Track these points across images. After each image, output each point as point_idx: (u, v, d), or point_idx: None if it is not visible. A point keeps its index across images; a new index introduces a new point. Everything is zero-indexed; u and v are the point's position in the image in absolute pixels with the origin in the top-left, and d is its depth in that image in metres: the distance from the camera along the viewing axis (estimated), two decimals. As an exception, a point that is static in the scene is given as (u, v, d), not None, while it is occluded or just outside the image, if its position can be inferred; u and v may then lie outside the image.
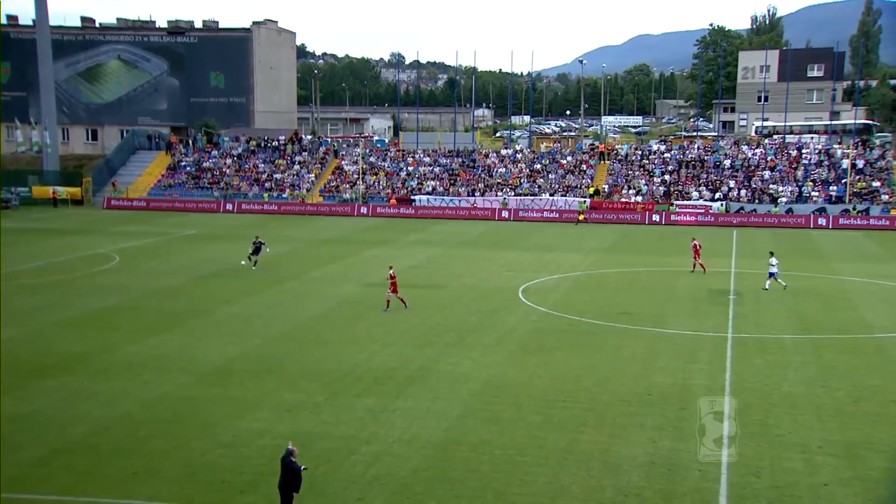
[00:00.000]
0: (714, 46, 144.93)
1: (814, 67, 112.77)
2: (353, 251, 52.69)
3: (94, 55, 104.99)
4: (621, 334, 31.15)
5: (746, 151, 79.12)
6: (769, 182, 73.37)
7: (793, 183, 72.87)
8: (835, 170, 73.41)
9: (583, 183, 77.08)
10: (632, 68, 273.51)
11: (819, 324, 32.17)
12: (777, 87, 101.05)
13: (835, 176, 72.61)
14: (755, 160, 76.89)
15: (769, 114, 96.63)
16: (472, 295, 38.67)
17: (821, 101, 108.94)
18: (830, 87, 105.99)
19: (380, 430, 21.12)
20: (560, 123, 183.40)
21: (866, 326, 32.30)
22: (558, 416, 22.10)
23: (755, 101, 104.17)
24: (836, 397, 23.64)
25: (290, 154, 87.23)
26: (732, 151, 79.36)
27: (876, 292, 39.63)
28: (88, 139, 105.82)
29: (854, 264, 47.59)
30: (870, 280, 42.52)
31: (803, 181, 72.89)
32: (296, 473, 15.93)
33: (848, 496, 17.31)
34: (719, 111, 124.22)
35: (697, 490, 17.62)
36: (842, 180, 71.17)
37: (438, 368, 26.61)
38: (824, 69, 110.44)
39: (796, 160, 75.95)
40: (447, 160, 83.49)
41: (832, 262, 48.86)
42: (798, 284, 41.01)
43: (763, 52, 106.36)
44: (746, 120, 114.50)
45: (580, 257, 50.06)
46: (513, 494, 17.58)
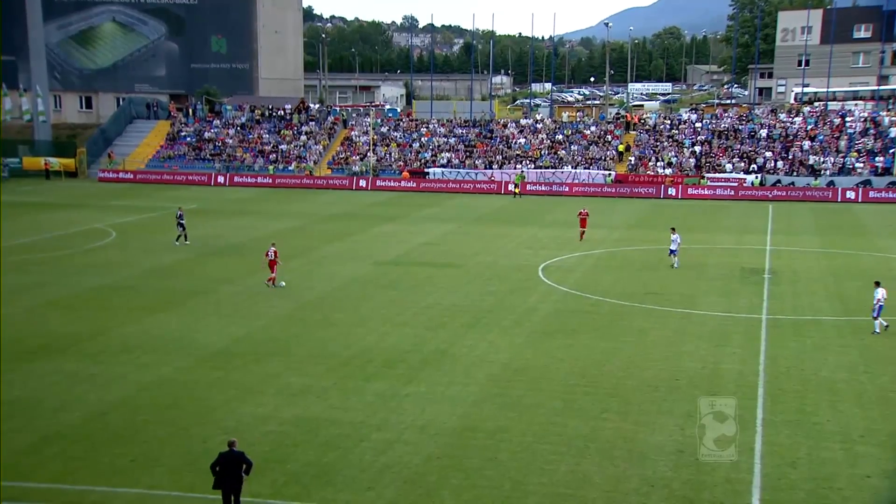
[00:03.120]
0: (751, 6, 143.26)
1: (860, 28, 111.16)
2: (362, 227, 52.70)
3: (88, 17, 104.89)
4: (648, 316, 31.04)
5: (784, 120, 78.34)
6: (809, 153, 72.69)
7: (835, 154, 72.16)
8: (882, 139, 72.59)
9: (607, 155, 76.66)
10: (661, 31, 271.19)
11: (862, 305, 31.87)
12: (819, 49, 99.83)
13: (881, 146, 71.80)
14: (794, 129, 76.15)
15: (810, 79, 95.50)
16: (489, 274, 38.63)
17: (868, 65, 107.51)
18: (879, 49, 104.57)
19: (391, 416, 21.18)
20: (584, 91, 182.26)
21: (912, 308, 32.00)
22: (580, 402, 22.09)
23: (795, 66, 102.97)
24: (880, 384, 23.48)
25: (296, 124, 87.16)
26: (769, 120, 78.61)
27: (923, 271, 39.24)
28: (82, 107, 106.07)
29: (900, 241, 47.17)
30: (916, 258, 42.11)
31: (847, 152, 72.15)
32: (242, 460, 15.92)
33: (891, 488, 17.22)
34: (755, 77, 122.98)
35: (728, 481, 17.58)
36: (889, 150, 70.36)
37: (453, 351, 26.64)
38: (872, 30, 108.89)
39: (839, 129, 75.16)
40: (463, 131, 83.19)
41: (877, 238, 48.44)
42: (839, 263, 40.71)
43: (805, 12, 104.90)
44: (785, 86, 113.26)
45: (604, 233, 49.82)
46: (532, 484, 17.61)
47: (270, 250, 35.61)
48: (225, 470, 15.85)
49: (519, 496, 17.16)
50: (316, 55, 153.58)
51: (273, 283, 35.28)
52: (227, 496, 15.87)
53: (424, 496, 17.18)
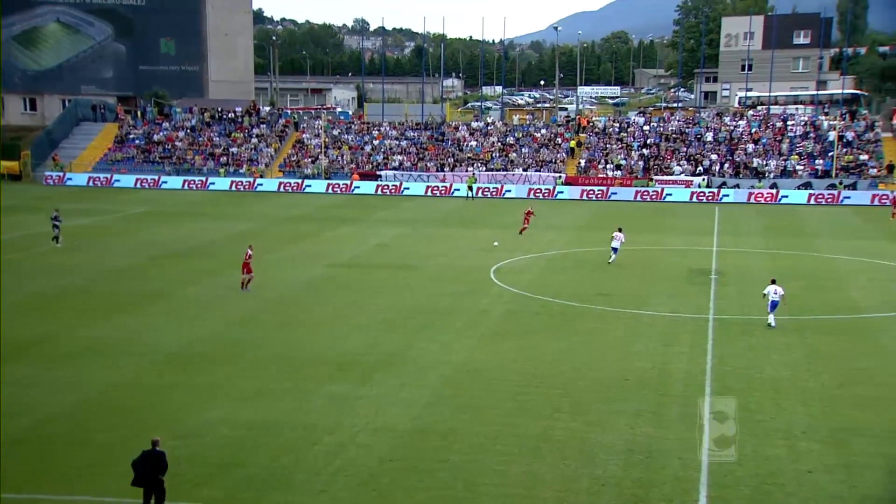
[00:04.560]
0: (696, 12, 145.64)
1: (800, 34, 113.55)
2: (317, 230, 52.51)
3: (30, 17, 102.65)
4: (598, 316, 31.43)
5: (729, 123, 79.77)
6: (753, 156, 74.10)
7: (777, 156, 73.65)
8: (821, 142, 74.29)
9: (557, 157, 77.32)
10: (609, 36, 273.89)
11: (804, 304, 32.65)
12: (761, 55, 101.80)
13: (821, 149, 73.49)
14: (738, 133, 77.57)
15: (753, 84, 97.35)
16: (442, 276, 38.78)
17: (807, 70, 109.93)
18: (817, 54, 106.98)
19: (345, 419, 21.19)
20: (534, 94, 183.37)
21: (853, 307, 32.87)
22: (532, 403, 22.30)
23: (738, 70, 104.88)
24: (822, 381, 24.07)
25: (247, 127, 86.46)
26: (714, 123, 79.97)
27: (863, 270, 40.28)
28: (26, 109, 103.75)
29: (840, 242, 48.30)
30: (857, 258, 43.20)
31: (789, 154, 73.70)
32: (161, 461, 15.86)
33: (833, 483, 17.69)
34: (701, 81, 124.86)
35: (677, 479, 17.91)
36: (828, 153, 72.06)
37: (407, 353, 26.71)
38: (811, 36, 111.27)
39: (781, 132, 76.74)
40: (415, 133, 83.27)
41: (817, 239, 49.56)
42: (782, 263, 41.57)
43: (747, 18, 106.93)
44: (729, 90, 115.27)
45: (555, 235, 50.28)
46: (484, 485, 17.76)
47: (248, 252, 35.22)
48: (145, 469, 15.75)
49: (472, 497, 17.30)
50: (266, 58, 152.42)
51: (245, 287, 34.90)
52: (147, 496, 15.76)
53: (378, 498, 17.24)
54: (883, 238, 49.53)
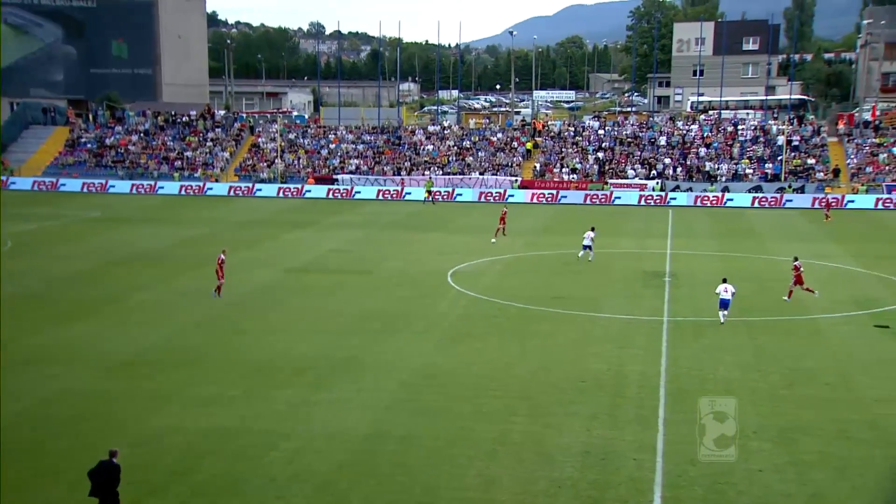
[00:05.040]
0: (648, 18, 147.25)
1: (749, 40, 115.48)
2: (271, 234, 52.13)
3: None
4: (554, 319, 31.60)
5: (682, 128, 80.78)
6: (705, 159, 75.10)
7: (729, 160, 74.73)
8: (770, 147, 75.54)
9: (513, 161, 77.66)
10: (564, 40, 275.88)
11: (755, 306, 33.15)
12: (712, 60, 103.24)
13: (770, 153, 74.72)
14: (691, 137, 78.58)
15: (705, 88, 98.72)
16: (399, 280, 38.72)
17: (756, 76, 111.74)
18: (766, 60, 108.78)
19: (300, 425, 21.04)
20: (490, 98, 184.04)
21: (801, 307, 33.43)
22: (489, 406, 22.34)
23: (690, 76, 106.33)
24: (771, 381, 24.44)
25: (202, 130, 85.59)
26: (668, 128, 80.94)
27: (810, 273, 40.92)
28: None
29: (789, 244, 49.02)
30: (804, 260, 43.86)
31: (739, 158, 74.83)
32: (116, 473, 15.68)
33: (782, 481, 17.95)
34: (654, 86, 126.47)
35: (632, 479, 18.05)
36: (777, 157, 73.30)
37: (363, 358, 26.60)
38: (759, 42, 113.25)
39: (732, 137, 77.89)
40: (371, 137, 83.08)
41: (767, 242, 50.34)
42: (733, 266, 42.15)
43: (698, 24, 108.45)
44: (682, 95, 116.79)
45: (512, 239, 50.46)
46: (442, 489, 17.74)
47: (220, 256, 34.81)
48: (101, 479, 15.53)
49: (429, 501, 17.27)
50: (221, 61, 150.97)
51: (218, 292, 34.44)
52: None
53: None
54: (829, 240, 50.46)
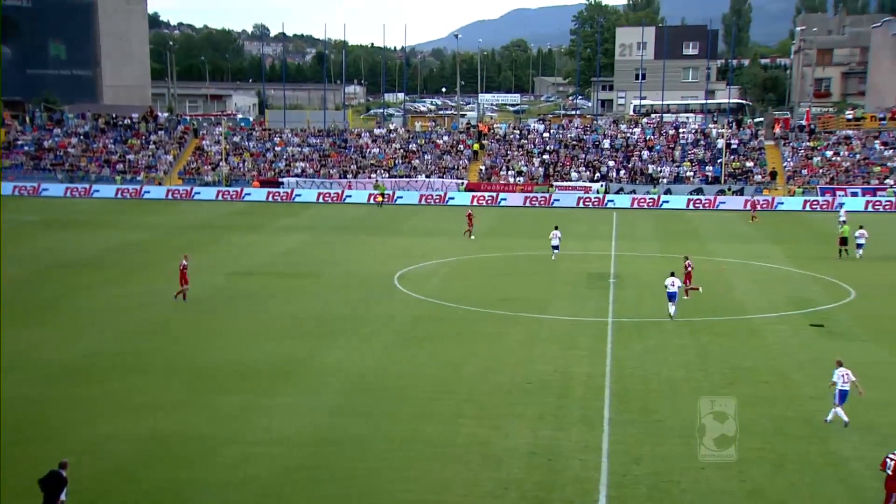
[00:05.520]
0: (591, 22, 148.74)
1: (689, 45, 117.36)
2: (215, 238, 51.53)
3: None
4: (501, 321, 31.74)
5: (625, 131, 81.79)
6: (647, 162, 76.14)
7: (671, 163, 75.87)
8: (711, 150, 76.89)
9: (460, 164, 77.87)
10: (509, 44, 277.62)
11: (697, 306, 33.70)
12: (654, 64, 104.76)
13: (711, 156, 76.05)
14: (634, 140, 79.60)
15: (647, 92, 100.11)
16: (346, 283, 38.56)
17: (696, 80, 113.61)
18: (705, 65, 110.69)
19: (246, 430, 20.83)
20: (436, 101, 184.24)
21: (740, 308, 34.09)
22: (436, 409, 22.35)
23: (633, 79, 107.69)
24: (713, 380, 24.86)
25: (144, 133, 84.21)
26: (611, 131, 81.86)
27: (749, 273, 41.85)
28: None
29: (729, 245, 50.02)
30: (743, 261, 44.83)
31: (681, 161, 76.01)
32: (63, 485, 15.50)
33: (724, 479, 18.26)
34: (598, 89, 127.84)
35: (578, 480, 18.21)
36: (717, 160, 74.63)
37: (310, 362, 26.44)
38: (699, 47, 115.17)
39: (674, 140, 79.09)
40: (317, 140, 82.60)
41: (708, 243, 51.22)
42: (677, 267, 42.71)
43: (640, 29, 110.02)
44: (625, 98, 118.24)
45: (458, 242, 50.61)
46: (389, 492, 17.70)
47: (182, 262, 34.26)
48: (49, 489, 15.31)
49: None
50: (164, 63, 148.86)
51: (179, 296, 33.96)
52: None
53: (282, 509, 17.01)
54: (766, 241, 51.50)
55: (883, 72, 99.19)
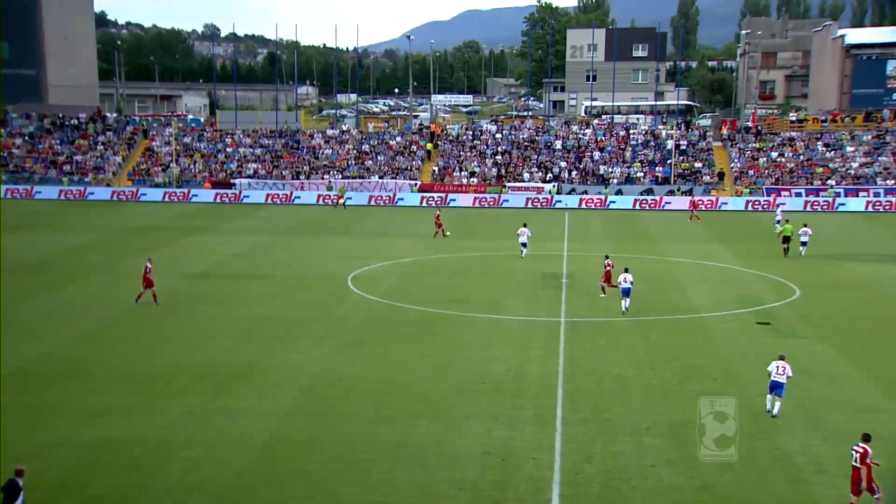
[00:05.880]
0: (542, 24, 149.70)
1: (638, 47, 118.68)
2: (168, 240, 50.88)
3: None
4: (455, 322, 31.81)
5: (577, 132, 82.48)
6: (599, 163, 76.87)
7: (621, 164, 76.69)
8: (660, 150, 77.90)
9: (413, 164, 77.87)
10: (461, 45, 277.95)
11: (648, 306, 34.12)
12: (604, 66, 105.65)
13: (660, 157, 77.04)
14: (585, 141, 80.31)
15: (598, 93, 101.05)
16: (299, 285, 38.35)
17: (646, 82, 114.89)
18: (654, 67, 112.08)
19: (199, 433, 20.64)
20: (388, 102, 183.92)
21: (691, 307, 34.58)
22: (391, 410, 22.34)
23: (584, 81, 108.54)
24: (664, 379, 25.19)
25: (92, 134, 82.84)
26: (563, 132, 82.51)
27: (700, 272, 42.48)
28: None
29: (680, 245, 50.72)
30: (694, 261, 45.49)
31: (631, 162, 76.88)
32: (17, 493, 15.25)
33: (673, 475, 18.53)
34: (549, 90, 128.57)
35: (531, 479, 18.34)
36: (667, 161, 75.64)
37: (263, 364, 26.26)
38: (648, 49, 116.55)
39: (624, 141, 79.97)
40: (269, 141, 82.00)
41: (659, 243, 51.88)
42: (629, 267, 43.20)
43: (590, 31, 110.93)
44: (576, 99, 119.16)
45: (412, 242, 50.63)
46: (344, 493, 17.66)
47: (146, 265, 33.75)
48: (7, 496, 15.06)
49: (332, 506, 17.17)
50: (111, 62, 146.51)
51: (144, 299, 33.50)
52: None
53: (236, 513, 16.87)
54: (716, 241, 52.33)
55: (824, 75, 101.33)
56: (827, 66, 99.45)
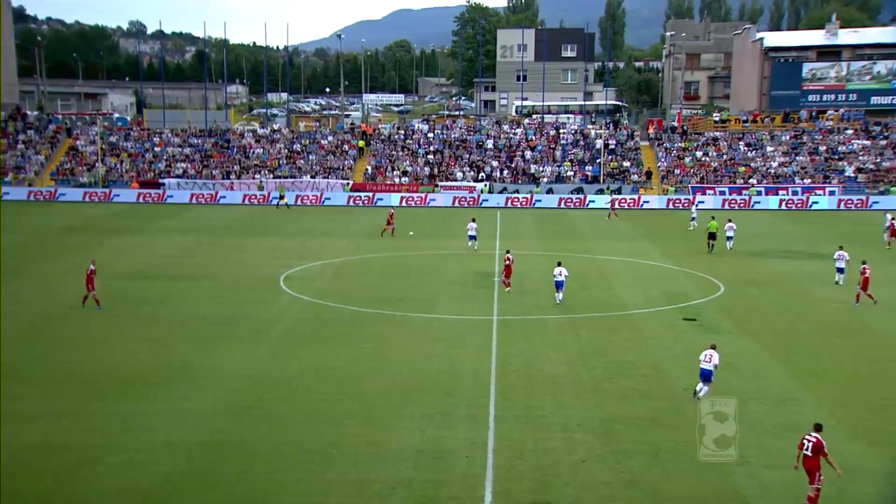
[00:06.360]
0: (473, 24, 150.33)
1: (567, 48, 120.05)
2: (94, 241, 49.75)
3: None
4: (388, 321, 31.83)
5: (508, 131, 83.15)
6: (530, 162, 77.62)
7: (552, 163, 77.57)
8: (590, 150, 79.03)
9: (345, 164, 77.54)
10: (392, 44, 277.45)
11: (578, 303, 34.62)
12: (534, 66, 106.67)
13: (590, 156, 78.16)
14: (516, 140, 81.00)
15: (528, 93, 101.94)
16: (231, 285, 37.93)
17: (575, 82, 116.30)
18: (583, 67, 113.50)
19: (130, 437, 20.31)
20: (320, 101, 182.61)
21: (620, 304, 35.20)
22: (324, 410, 22.29)
23: (514, 81, 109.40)
24: (594, 375, 25.61)
25: (12, 132, 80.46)
26: (494, 131, 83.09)
27: (628, 270, 43.26)
28: None
29: (609, 243, 51.57)
30: (623, 258, 46.31)
31: (561, 161, 77.81)
32: None
33: (603, 470, 18.88)
34: (480, 90, 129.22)
35: (465, 477, 18.49)
36: (596, 160, 76.77)
37: (196, 366, 25.93)
38: (577, 50, 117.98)
39: (555, 140, 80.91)
40: (199, 140, 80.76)
41: (589, 241, 52.65)
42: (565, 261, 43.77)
43: (520, 31, 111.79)
44: (507, 99, 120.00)
45: (345, 242, 50.46)
46: (276, 495, 17.57)
47: (90, 267, 32.90)
48: None
49: (266, 509, 17.08)
50: (32, 59, 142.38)
51: (87, 302, 32.72)
52: None
53: (168, 518, 16.66)
54: (644, 239, 53.33)
55: (744, 76, 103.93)
56: (747, 68, 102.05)
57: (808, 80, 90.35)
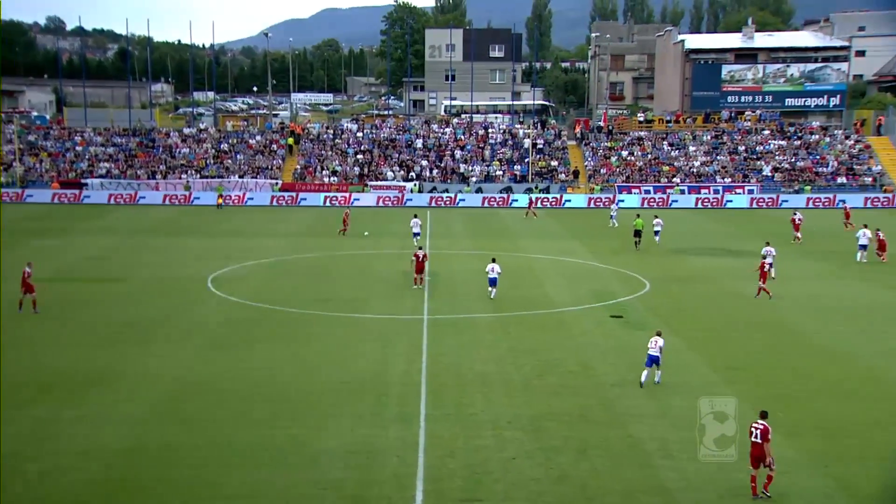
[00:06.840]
0: (401, 23, 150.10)
1: (495, 48, 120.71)
2: (11, 243, 48.08)
3: None
4: (318, 322, 31.58)
5: (437, 131, 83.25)
6: (459, 161, 77.85)
7: (481, 162, 77.93)
8: (518, 149, 79.63)
9: (273, 164, 76.67)
10: (320, 43, 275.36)
11: (508, 302, 34.84)
12: (463, 66, 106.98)
13: (518, 155, 78.76)
14: (445, 140, 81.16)
15: (457, 93, 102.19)
16: (157, 287, 37.20)
17: (503, 82, 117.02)
18: (511, 67, 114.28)
19: (49, 444, 19.75)
20: (247, 100, 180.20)
21: (549, 302, 35.54)
22: (253, 412, 22.00)
23: (443, 80, 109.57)
24: (524, 373, 25.79)
25: (-75, 130, 77.46)
26: (423, 131, 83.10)
27: (557, 268, 43.70)
28: None
29: (538, 242, 52.02)
30: (552, 257, 46.77)
31: (490, 160, 78.24)
32: None
33: (532, 467, 19.02)
34: (409, 89, 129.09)
35: (396, 476, 18.44)
36: (525, 159, 77.39)
37: (119, 370, 25.32)
38: (504, 50, 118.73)
39: (483, 140, 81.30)
40: (123, 140, 78.90)
41: (519, 240, 53.03)
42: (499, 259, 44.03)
43: (448, 31, 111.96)
44: (436, 99, 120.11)
45: (274, 242, 49.89)
46: (204, 498, 17.29)
47: (25, 270, 31.93)
48: None
49: (193, 514, 16.77)
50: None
51: (30, 306, 31.92)
52: None
53: (91, 526, 16.23)
54: (571, 237, 53.94)
55: (667, 78, 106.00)
56: (669, 69, 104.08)
57: (727, 82, 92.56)
